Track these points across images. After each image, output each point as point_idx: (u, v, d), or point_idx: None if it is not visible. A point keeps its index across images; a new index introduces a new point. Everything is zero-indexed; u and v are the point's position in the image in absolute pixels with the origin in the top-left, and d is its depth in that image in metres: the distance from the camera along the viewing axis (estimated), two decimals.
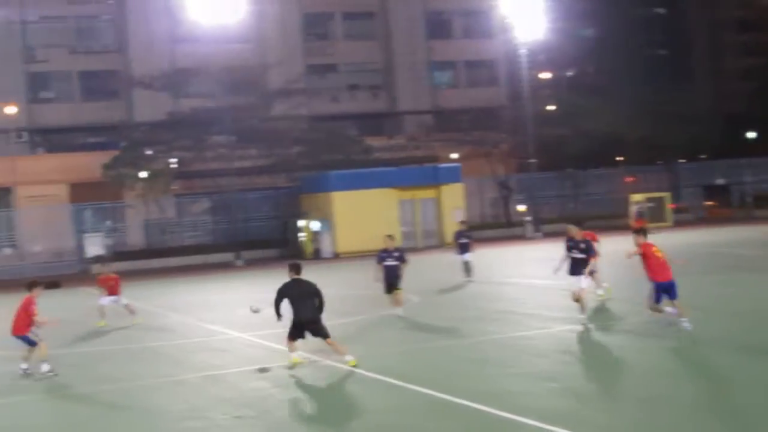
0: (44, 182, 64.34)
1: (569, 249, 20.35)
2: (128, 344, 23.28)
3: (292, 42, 73.29)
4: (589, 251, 20.08)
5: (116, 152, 62.83)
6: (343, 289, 31.78)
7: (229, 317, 26.96)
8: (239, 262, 55.04)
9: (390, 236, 24.46)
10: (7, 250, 61.88)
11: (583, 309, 20.07)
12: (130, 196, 63.39)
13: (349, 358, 17.27)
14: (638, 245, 18.39)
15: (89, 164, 63.04)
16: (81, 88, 72.21)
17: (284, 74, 68.68)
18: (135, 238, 64.81)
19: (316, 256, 56.18)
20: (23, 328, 18.79)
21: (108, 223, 64.99)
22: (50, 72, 71.35)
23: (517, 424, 12.30)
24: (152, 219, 64.42)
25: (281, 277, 18.28)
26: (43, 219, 60.55)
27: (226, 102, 58.22)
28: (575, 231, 20.64)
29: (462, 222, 36.59)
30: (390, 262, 23.77)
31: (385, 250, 24.05)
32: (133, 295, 38.65)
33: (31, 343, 18.83)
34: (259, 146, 63.16)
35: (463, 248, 32.59)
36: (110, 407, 15.53)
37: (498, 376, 15.91)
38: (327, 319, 17.79)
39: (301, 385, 16.40)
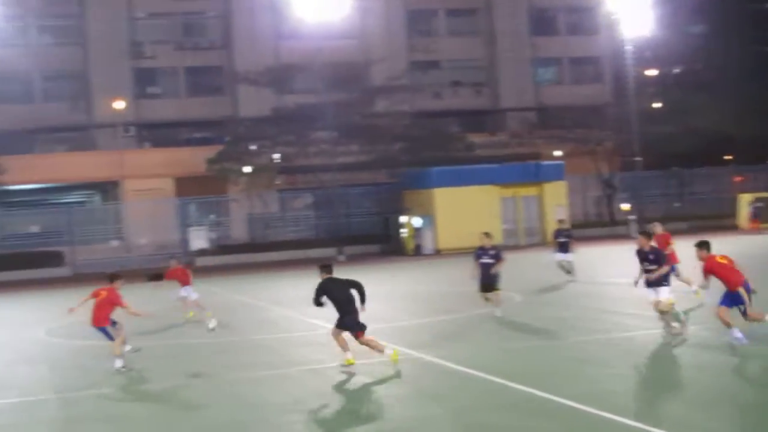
0: (150, 176, 65.49)
1: (641, 261, 19.32)
2: (232, 337, 23.54)
3: (396, 38, 73.37)
4: (660, 261, 19.13)
5: (221, 147, 63.62)
6: (443, 286, 31.68)
7: (330, 312, 27.00)
8: (341, 258, 55.29)
9: (487, 234, 24.17)
10: (114, 242, 63.10)
11: (674, 319, 18.78)
12: (233, 191, 64.20)
13: (349, 355, 17.47)
14: (702, 260, 17.49)
15: (194, 159, 63.98)
16: (187, 83, 73.31)
17: (387, 70, 68.81)
18: (238, 232, 65.61)
19: (417, 252, 56.20)
20: (104, 320, 18.82)
21: (212, 216, 65.90)
22: (157, 68, 72.62)
23: (620, 425, 12.10)
24: (255, 213, 65.12)
25: (382, 272, 18.29)
26: (149, 212, 61.57)
27: (329, 98, 58.52)
28: (644, 242, 19.40)
29: (560, 221, 36.07)
30: (486, 260, 23.54)
31: (481, 248, 23.83)
32: (237, 288, 39.23)
33: (109, 337, 18.92)
34: (361, 142, 63.35)
35: (562, 247, 32.14)
36: (214, 398, 15.71)
37: (600, 376, 15.70)
38: (429, 317, 17.72)
39: (400, 380, 16.38)
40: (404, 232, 58.57)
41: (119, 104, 66.78)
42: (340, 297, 17.67)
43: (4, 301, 31.33)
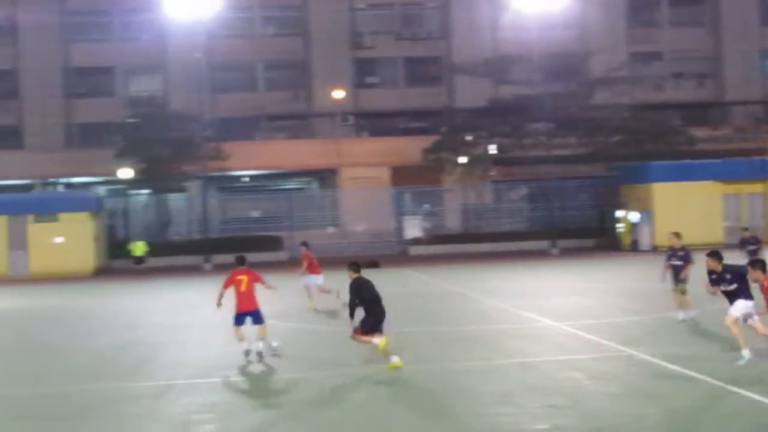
0: (367, 165, 66.44)
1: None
2: (441, 327, 23.53)
3: (616, 29, 71.80)
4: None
5: (436, 137, 63.88)
6: (658, 284, 30.73)
7: (543, 305, 26.74)
8: (554, 251, 54.65)
9: (676, 234, 23.09)
10: (331, 229, 64.34)
11: (741, 341, 16.70)
12: (448, 181, 64.35)
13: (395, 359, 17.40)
14: (758, 281, 15.98)
15: (410, 148, 64.48)
16: (405, 73, 74.04)
17: (606, 62, 67.39)
18: (452, 222, 65.78)
19: (634, 248, 54.91)
20: (255, 301, 19.24)
21: (426, 206, 66.28)
22: (376, 58, 73.61)
23: None
24: (469, 204, 65.10)
25: (597, 267, 17.83)
26: (365, 200, 62.48)
27: (546, 89, 57.84)
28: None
29: (744, 229, 34.54)
30: (675, 262, 22.67)
31: (671, 249, 22.98)
32: (449, 277, 39.29)
33: (262, 319, 19.23)
34: (579, 134, 62.33)
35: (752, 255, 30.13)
36: (420, 387, 15.69)
37: None
38: (643, 314, 17.19)
39: (614, 377, 15.96)
40: (621, 226, 57.36)
41: (338, 93, 68.05)
42: (369, 297, 17.59)
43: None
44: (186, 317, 27.79)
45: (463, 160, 62.20)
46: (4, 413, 15.03)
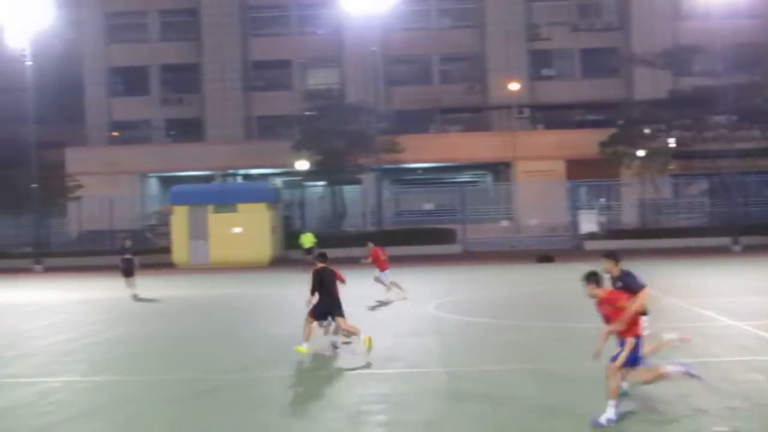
0: (542, 158, 65.85)
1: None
2: None
3: None
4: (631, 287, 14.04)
5: (613, 130, 62.67)
6: None
7: (723, 304, 25.81)
8: (736, 248, 52.80)
9: None
10: (505, 223, 63.97)
11: None
12: (625, 175, 63.06)
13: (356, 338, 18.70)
14: None
15: (586, 141, 63.55)
16: (581, 65, 73.06)
17: None
18: (629, 216, 64.42)
19: None
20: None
21: (602, 200, 65.19)
22: (552, 50, 72.84)
23: None
24: (647, 198, 63.63)
25: None
26: (539, 194, 61.85)
27: (729, 80, 55.91)
28: (609, 265, 14.66)
29: None
30: None
31: None
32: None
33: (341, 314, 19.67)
34: (763, 127, 60.12)
35: None
36: (598, 383, 15.29)
37: None
38: None
39: None
40: None
41: (514, 86, 67.64)
42: (326, 287, 18.67)
43: (400, 274, 32.47)
44: (356, 309, 27.95)
45: (640, 153, 60.84)
46: (193, 397, 15.39)
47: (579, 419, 12.83)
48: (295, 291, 25.01)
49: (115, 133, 75.15)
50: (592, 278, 13.11)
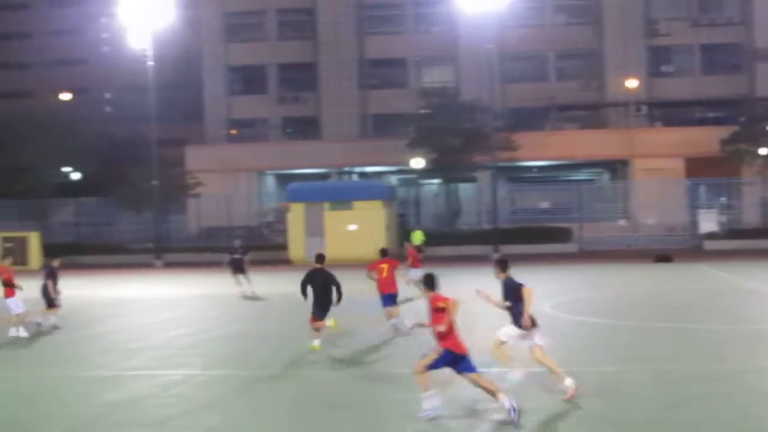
0: (660, 156, 64.77)
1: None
2: (733, 325, 22.43)
3: None
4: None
5: (735, 127, 61.27)
6: None
7: None
8: None
9: None
10: (622, 222, 63.07)
11: None
12: (747, 173, 61.58)
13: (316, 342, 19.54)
14: None
15: (706, 139, 62.29)
16: (701, 61, 71.63)
17: None
18: (750, 216, 62.85)
19: None
20: (394, 286, 22.01)
21: (723, 199, 63.80)
22: (671, 45, 71.55)
23: None
24: None
25: None
26: (658, 192, 60.84)
27: None
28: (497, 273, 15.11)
29: None
30: None
31: None
32: (746, 274, 37.35)
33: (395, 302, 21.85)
34: None
35: None
36: (718, 388, 14.94)
37: None
38: None
39: None
40: None
41: (632, 83, 66.72)
42: (317, 288, 19.65)
43: (516, 273, 32.25)
44: (475, 306, 27.81)
45: (763, 151, 59.33)
46: (307, 394, 15.51)
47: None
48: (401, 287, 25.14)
49: (233, 131, 76.34)
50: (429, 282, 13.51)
